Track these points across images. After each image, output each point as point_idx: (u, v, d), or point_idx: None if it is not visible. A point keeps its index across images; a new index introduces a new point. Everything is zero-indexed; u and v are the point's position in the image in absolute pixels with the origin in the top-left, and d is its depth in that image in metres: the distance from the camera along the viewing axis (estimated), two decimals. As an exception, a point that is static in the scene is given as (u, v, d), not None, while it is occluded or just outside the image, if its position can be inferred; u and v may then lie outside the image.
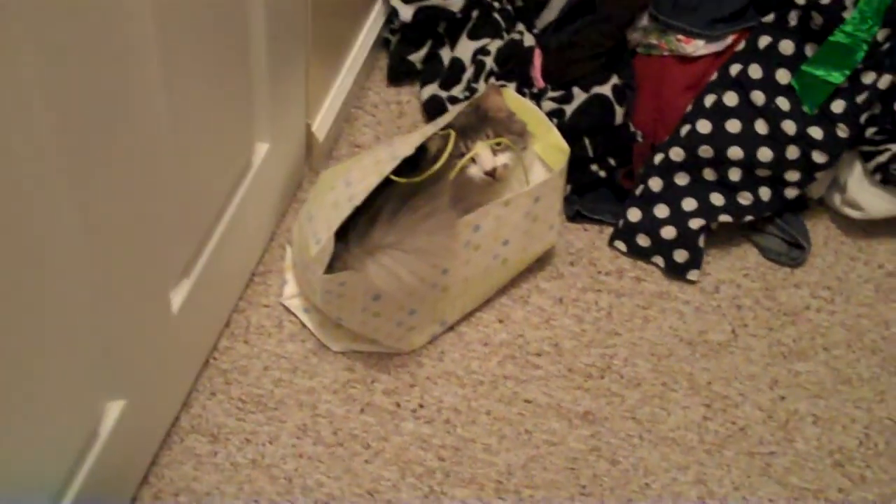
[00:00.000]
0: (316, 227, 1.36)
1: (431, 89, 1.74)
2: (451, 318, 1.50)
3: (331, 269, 1.31)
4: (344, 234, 1.32)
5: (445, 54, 1.76)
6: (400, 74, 1.79)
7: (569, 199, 1.65)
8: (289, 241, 1.56)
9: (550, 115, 1.59)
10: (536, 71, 1.69)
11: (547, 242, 1.53)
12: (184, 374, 1.38)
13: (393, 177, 1.35)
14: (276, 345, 1.47)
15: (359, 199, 1.30)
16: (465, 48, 1.74)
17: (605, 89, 1.59)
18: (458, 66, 1.74)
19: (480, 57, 1.72)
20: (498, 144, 1.44)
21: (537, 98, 1.66)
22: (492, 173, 1.43)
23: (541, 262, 1.58)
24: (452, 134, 1.39)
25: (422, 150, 1.40)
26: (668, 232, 1.60)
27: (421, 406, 1.44)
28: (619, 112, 1.60)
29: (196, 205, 1.24)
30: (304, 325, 1.49)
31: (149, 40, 0.97)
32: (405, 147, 1.37)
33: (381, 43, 1.83)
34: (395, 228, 1.32)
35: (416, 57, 1.77)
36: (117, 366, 1.13)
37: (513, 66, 1.70)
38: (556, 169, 1.46)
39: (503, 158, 1.44)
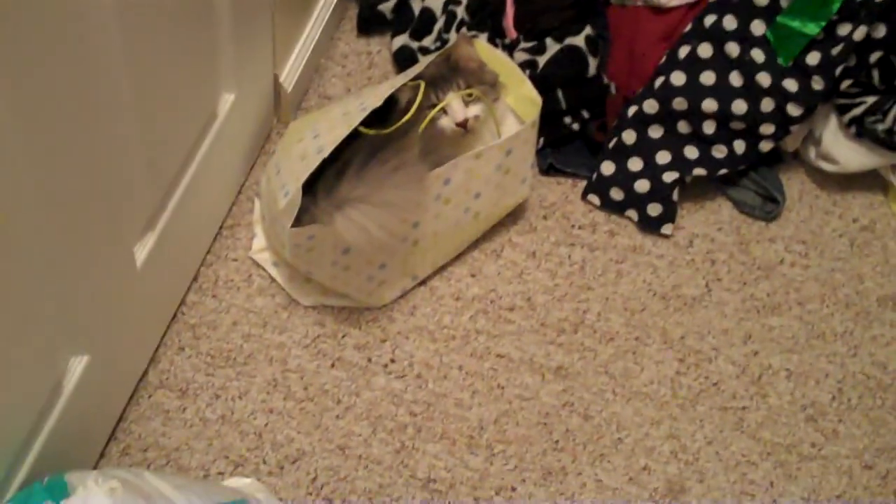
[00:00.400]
0: (284, 179, 1.34)
1: (402, 39, 1.70)
2: (423, 272, 1.48)
3: (299, 222, 1.29)
4: (312, 186, 1.29)
5: (416, 3, 1.72)
6: (370, 24, 1.75)
7: (542, 153, 1.63)
8: (257, 193, 1.53)
9: (523, 66, 1.56)
10: (509, 20, 1.66)
11: (519, 196, 1.51)
12: (150, 329, 1.36)
13: (362, 128, 1.33)
14: (245, 299, 1.45)
15: (327, 151, 1.28)
16: (437, -2, 1.71)
17: (579, 40, 1.57)
18: (428, 15, 1.70)
19: (451, 6, 1.69)
20: (469, 95, 1.41)
21: (510, 49, 1.63)
22: (463, 124, 1.40)
23: (513, 215, 1.56)
24: (422, 85, 1.37)
25: (392, 101, 1.38)
26: (642, 185, 1.58)
27: (392, 361, 1.42)
28: (593, 63, 1.57)
29: (159, 156, 1.21)
30: (273, 280, 1.46)
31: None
32: (374, 98, 1.34)
33: (352, -8, 1.80)
34: (363, 181, 1.29)
35: (387, 6, 1.74)
36: (80, 321, 1.10)
37: (485, 16, 1.67)
38: (529, 120, 1.44)
39: (474, 109, 1.41)
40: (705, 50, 1.55)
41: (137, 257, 1.21)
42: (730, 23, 1.53)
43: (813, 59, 1.50)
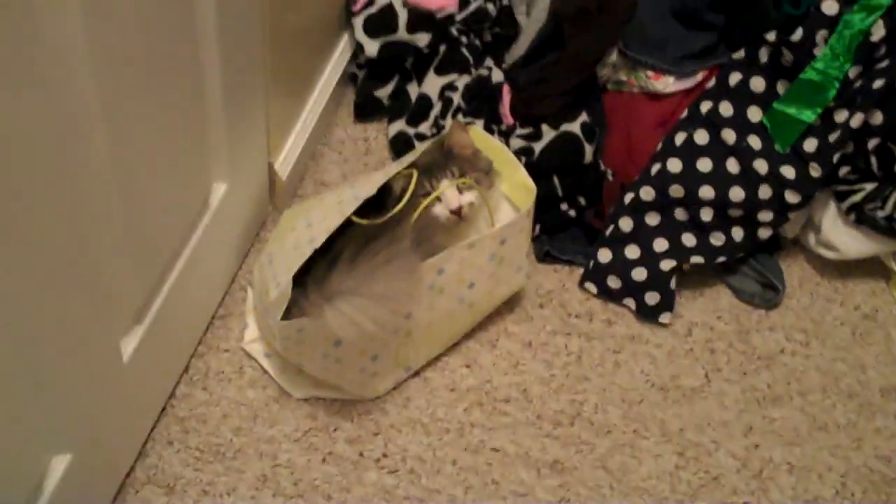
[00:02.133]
0: (276, 269, 1.32)
1: (398, 126, 1.70)
2: (416, 363, 1.45)
3: (289, 314, 1.27)
4: (303, 277, 1.28)
5: (413, 90, 1.73)
6: (367, 110, 1.75)
7: (538, 240, 1.62)
8: (250, 283, 1.51)
9: (519, 153, 1.56)
10: (505, 108, 1.66)
11: (514, 285, 1.49)
12: (138, 423, 1.33)
13: (354, 218, 1.32)
14: (237, 391, 1.42)
15: (319, 241, 1.26)
16: (433, 84, 1.70)
17: (574, 127, 1.56)
18: (425, 102, 1.70)
19: (448, 93, 1.69)
20: (463, 182, 1.40)
21: (506, 135, 1.63)
22: (457, 212, 1.39)
23: (509, 304, 1.54)
24: (414, 174, 1.36)
25: (386, 189, 1.37)
26: (639, 273, 1.57)
27: (385, 455, 1.39)
28: (589, 150, 1.57)
29: (146, 248, 1.20)
30: (265, 371, 1.44)
31: (86, 77, 0.92)
32: (367, 187, 1.33)
33: (348, 78, 1.80)
34: (354, 273, 1.28)
35: (383, 92, 1.74)
36: (61, 419, 1.07)
37: (481, 103, 1.67)
38: (524, 209, 1.43)
39: (469, 197, 1.40)
40: (702, 137, 1.54)
41: (124, 351, 1.19)
42: (726, 109, 1.53)
43: (810, 145, 1.49)
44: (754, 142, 1.52)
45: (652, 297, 1.56)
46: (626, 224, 1.58)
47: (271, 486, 1.34)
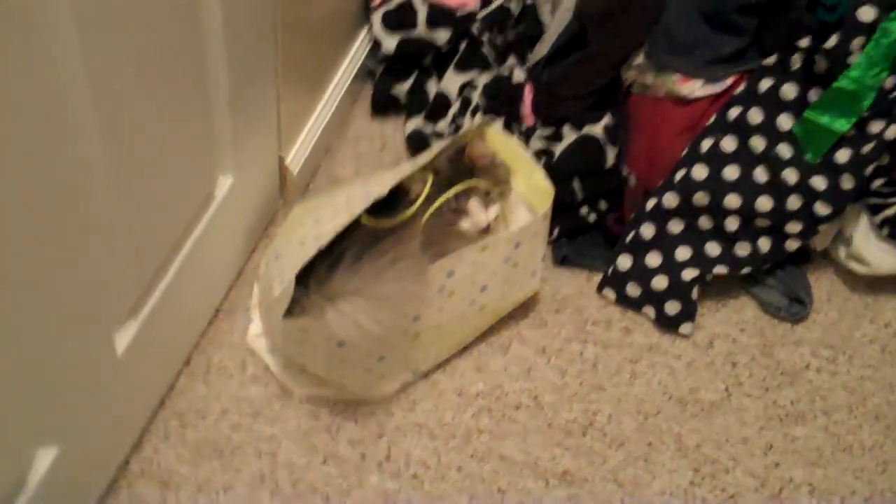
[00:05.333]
0: (282, 265, 1.28)
1: (415, 123, 1.66)
2: (425, 365, 1.41)
3: (290, 312, 1.23)
4: (307, 276, 1.24)
5: (431, 87, 1.69)
6: (384, 106, 1.72)
7: (556, 243, 1.57)
8: (257, 277, 1.48)
9: (539, 154, 1.52)
10: (527, 108, 1.61)
11: (528, 289, 1.45)
12: (132, 416, 1.30)
13: (364, 217, 1.28)
14: (238, 387, 1.39)
15: (325, 240, 1.22)
16: (452, 81, 1.66)
17: (597, 129, 1.51)
18: (443, 99, 1.66)
19: (467, 91, 1.65)
20: (487, 194, 1.36)
21: (526, 136, 1.58)
22: (485, 230, 1.36)
23: (524, 307, 1.50)
24: (430, 178, 1.32)
25: (399, 189, 1.33)
26: (660, 282, 1.51)
27: (388, 458, 1.35)
28: (611, 154, 1.51)
29: (144, 241, 1.16)
30: (267, 368, 1.40)
31: (83, 66, 0.89)
32: (379, 187, 1.29)
33: (366, 73, 1.76)
34: (358, 274, 1.23)
35: (401, 89, 1.70)
36: (48, 412, 1.04)
37: (501, 102, 1.62)
38: (540, 212, 1.38)
39: (494, 212, 1.37)
40: (729, 143, 1.49)
41: (118, 344, 1.15)
42: (755, 116, 1.47)
43: (843, 156, 1.43)
44: (784, 150, 1.46)
45: (672, 307, 1.51)
46: (647, 230, 1.52)
47: (269, 485, 1.30)
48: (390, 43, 1.63)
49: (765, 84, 1.47)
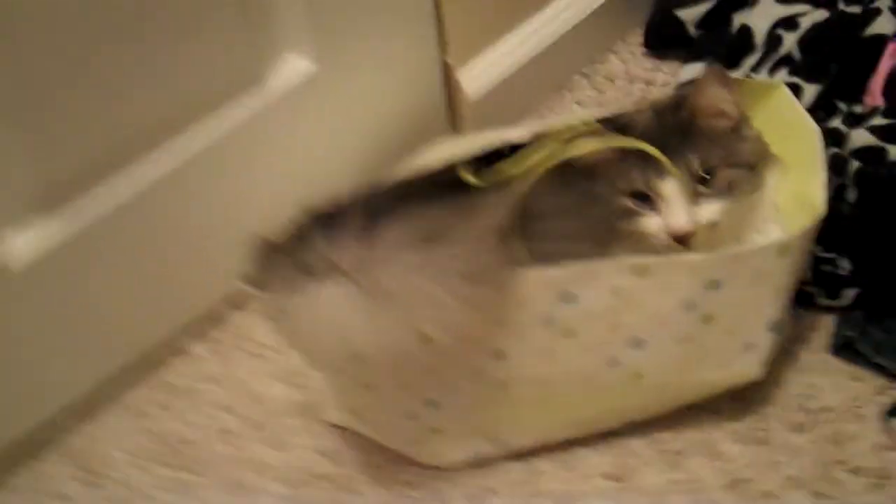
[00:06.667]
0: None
1: (697, 69, 1.07)
2: (515, 439, 0.85)
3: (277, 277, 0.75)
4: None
5: (736, 17, 1.07)
6: (663, 38, 1.16)
7: (847, 317, 0.90)
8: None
9: (858, 154, 0.87)
10: (878, 79, 0.95)
11: (737, 372, 0.82)
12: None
13: (462, 172, 0.76)
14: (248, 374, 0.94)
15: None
16: (765, 13, 1.04)
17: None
18: (744, 39, 1.05)
19: (780, 31, 1.01)
20: (703, 181, 0.77)
21: (855, 120, 0.93)
22: (684, 239, 0.76)
23: (740, 400, 0.87)
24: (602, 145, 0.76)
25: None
26: None
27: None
28: None
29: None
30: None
31: None
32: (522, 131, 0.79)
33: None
34: (382, 244, 0.72)
35: (691, 14, 1.12)
36: None
37: (826, 59, 0.97)
38: (787, 235, 0.76)
39: (711, 212, 0.78)
40: None
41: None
42: None
43: None
44: None
45: None
46: None
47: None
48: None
49: None
